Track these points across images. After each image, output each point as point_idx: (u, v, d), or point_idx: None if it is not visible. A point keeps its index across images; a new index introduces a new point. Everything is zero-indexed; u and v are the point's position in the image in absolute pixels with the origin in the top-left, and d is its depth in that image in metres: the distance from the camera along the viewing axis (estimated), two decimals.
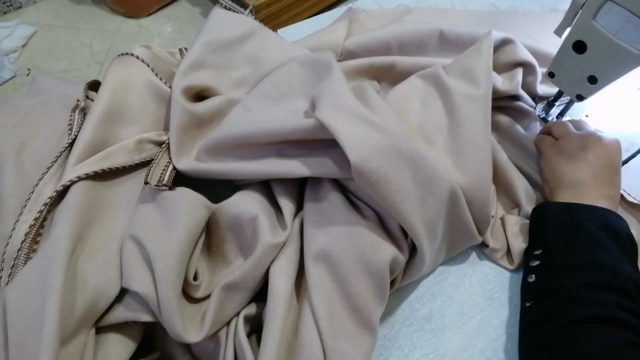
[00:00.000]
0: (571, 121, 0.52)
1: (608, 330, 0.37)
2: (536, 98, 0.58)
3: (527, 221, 0.49)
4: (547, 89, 0.58)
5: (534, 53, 0.58)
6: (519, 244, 0.48)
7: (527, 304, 0.43)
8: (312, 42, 0.59)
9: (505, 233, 0.49)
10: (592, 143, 0.48)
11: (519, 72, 0.56)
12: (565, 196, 0.47)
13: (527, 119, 0.57)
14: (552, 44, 0.61)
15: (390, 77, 0.60)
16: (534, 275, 0.43)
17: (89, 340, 0.35)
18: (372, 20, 0.66)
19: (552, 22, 0.48)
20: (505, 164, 0.52)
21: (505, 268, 0.49)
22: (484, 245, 0.49)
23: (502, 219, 0.50)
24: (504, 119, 0.57)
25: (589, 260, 0.41)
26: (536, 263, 0.44)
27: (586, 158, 0.47)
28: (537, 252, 0.44)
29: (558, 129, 0.51)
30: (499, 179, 0.52)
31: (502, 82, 0.55)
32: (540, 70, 0.57)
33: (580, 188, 0.46)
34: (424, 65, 0.57)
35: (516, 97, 0.57)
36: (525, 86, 0.57)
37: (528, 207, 0.50)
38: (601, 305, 0.38)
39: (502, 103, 0.57)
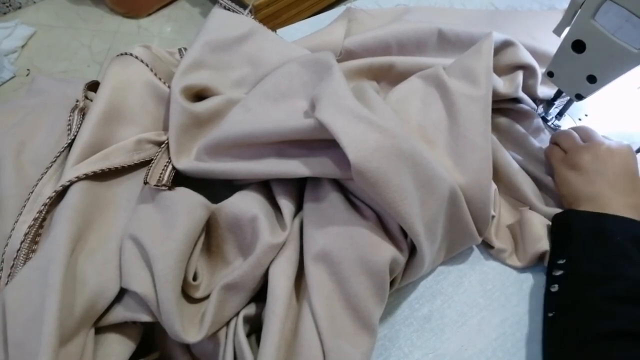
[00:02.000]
0: (577, 129, 0.51)
1: (630, 346, 0.36)
2: (537, 100, 0.58)
3: (549, 222, 0.48)
4: (547, 90, 0.58)
5: (533, 52, 0.58)
6: (539, 246, 0.46)
7: (550, 315, 0.42)
8: (311, 42, 0.59)
9: (522, 230, 0.48)
10: (602, 154, 0.46)
11: (520, 74, 0.56)
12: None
13: (528, 120, 0.57)
14: (551, 43, 0.61)
15: (389, 77, 0.60)
16: (557, 285, 0.42)
17: (89, 340, 0.35)
18: (371, 19, 0.66)
19: (551, 21, 0.47)
20: (507, 162, 0.52)
21: (513, 267, 0.48)
22: (489, 246, 0.49)
23: (521, 216, 0.49)
24: (504, 120, 0.57)
25: (615, 273, 0.40)
26: (559, 273, 0.43)
27: (599, 170, 0.45)
28: (560, 262, 0.43)
29: (565, 142, 0.50)
30: (500, 178, 0.52)
31: (502, 85, 0.55)
32: (541, 72, 0.57)
33: (600, 201, 0.44)
34: (423, 65, 0.57)
35: (517, 100, 0.57)
36: (526, 89, 0.57)
37: (541, 205, 0.49)
38: (627, 319, 0.37)
39: (503, 105, 0.57)
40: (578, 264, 0.42)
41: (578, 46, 0.46)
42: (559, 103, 0.57)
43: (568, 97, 0.53)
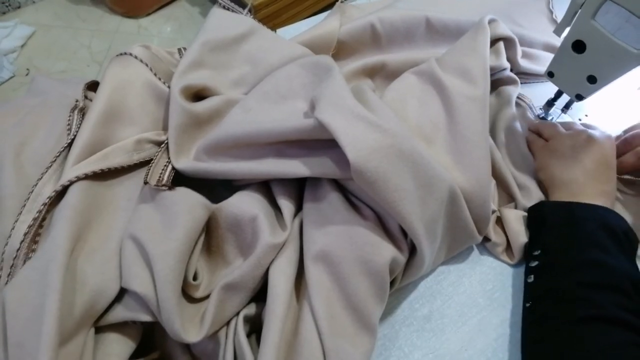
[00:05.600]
0: (561, 123, 0.53)
1: (608, 331, 0.37)
2: (512, 70, 0.60)
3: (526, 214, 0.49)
4: (527, 63, 0.60)
5: (520, 38, 0.60)
6: (520, 239, 0.47)
7: (527, 304, 0.43)
8: (308, 37, 0.59)
9: (504, 227, 0.49)
10: (582, 141, 0.48)
11: (502, 45, 0.57)
12: (560, 196, 0.47)
13: (514, 85, 0.58)
14: (535, 29, 0.63)
15: (382, 74, 0.61)
16: (532, 276, 0.43)
17: (88, 340, 0.35)
18: (361, 13, 0.67)
19: (534, 7, 0.47)
20: (499, 159, 0.52)
21: (506, 263, 0.49)
22: (486, 239, 0.49)
23: (500, 214, 0.50)
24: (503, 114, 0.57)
25: (586, 260, 0.41)
26: (535, 264, 0.44)
27: (576, 157, 0.47)
28: (536, 253, 0.44)
29: (547, 131, 0.52)
30: (495, 174, 0.52)
31: (489, 58, 0.56)
32: (520, 48, 0.60)
33: (574, 187, 0.46)
34: (415, 61, 0.58)
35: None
36: (507, 60, 0.59)
37: (523, 200, 0.50)
38: (599, 306, 0.38)
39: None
40: (552, 254, 0.43)
41: (578, 46, 0.46)
42: (559, 103, 0.57)
43: (568, 98, 0.53)
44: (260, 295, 0.40)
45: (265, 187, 0.45)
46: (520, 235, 0.47)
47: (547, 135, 0.52)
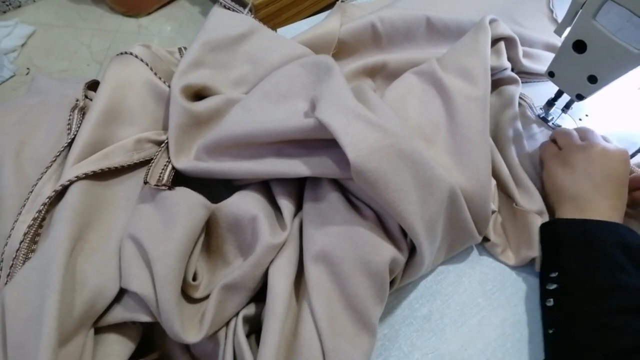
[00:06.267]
0: (577, 129, 0.51)
1: None
2: (514, 70, 0.60)
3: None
4: (529, 63, 0.60)
5: (520, 38, 0.59)
6: (531, 252, 0.46)
7: (550, 331, 0.41)
8: (308, 36, 0.59)
9: (520, 233, 0.48)
10: (594, 155, 0.46)
11: (502, 44, 0.57)
12: (567, 210, 0.45)
13: (514, 84, 0.58)
14: (536, 29, 0.64)
15: (383, 74, 0.61)
16: (552, 300, 0.42)
17: (88, 341, 0.35)
18: (362, 12, 0.67)
19: (535, 7, 0.47)
20: (499, 161, 0.52)
21: (505, 263, 0.48)
22: (485, 239, 0.49)
23: (526, 219, 0.48)
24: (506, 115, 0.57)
25: (609, 283, 0.39)
26: (553, 287, 0.42)
27: (587, 170, 0.45)
28: (553, 275, 0.42)
29: (562, 139, 0.50)
30: (495, 175, 0.52)
31: (490, 58, 0.55)
32: (521, 48, 0.60)
33: (582, 202, 0.44)
34: (415, 61, 0.57)
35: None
36: (509, 60, 0.58)
37: (522, 202, 0.49)
38: (635, 333, 0.36)
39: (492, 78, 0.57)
40: (572, 276, 0.41)
41: (579, 46, 0.46)
42: (560, 103, 0.57)
43: (569, 97, 0.53)
44: (260, 295, 0.40)
45: (265, 187, 0.45)
46: (535, 246, 0.46)
47: (560, 144, 0.50)
